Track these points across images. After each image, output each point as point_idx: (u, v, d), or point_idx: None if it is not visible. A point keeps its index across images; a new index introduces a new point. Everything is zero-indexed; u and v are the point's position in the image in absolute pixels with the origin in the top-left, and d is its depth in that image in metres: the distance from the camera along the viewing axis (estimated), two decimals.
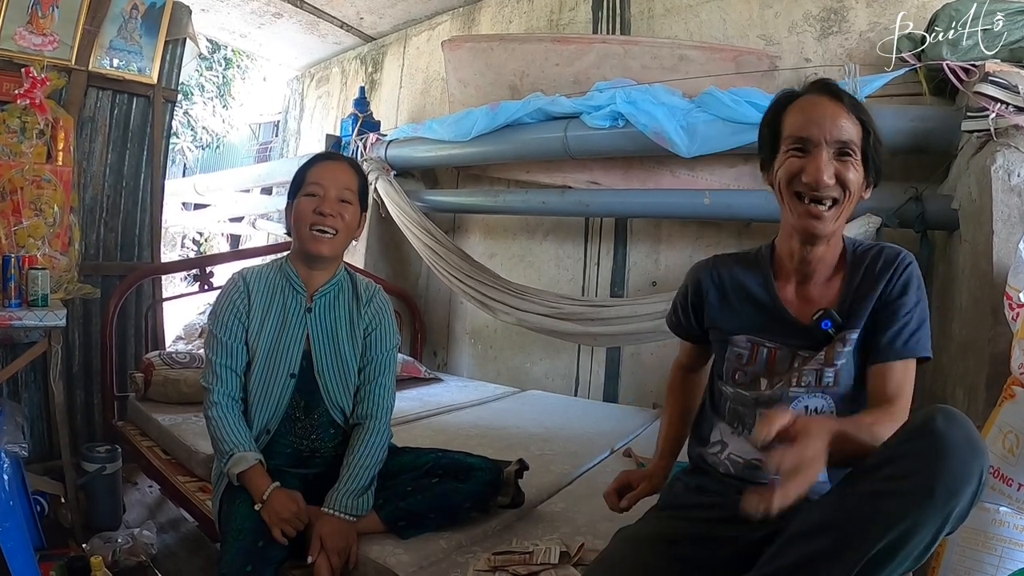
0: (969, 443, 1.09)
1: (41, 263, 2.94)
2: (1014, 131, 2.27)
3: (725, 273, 1.59)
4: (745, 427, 1.52)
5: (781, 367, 1.48)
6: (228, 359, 1.90)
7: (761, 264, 1.56)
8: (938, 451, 1.08)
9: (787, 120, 1.45)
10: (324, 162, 1.98)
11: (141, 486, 3.47)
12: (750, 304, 1.54)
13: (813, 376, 1.44)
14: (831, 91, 1.43)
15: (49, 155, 3.24)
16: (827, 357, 1.43)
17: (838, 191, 1.37)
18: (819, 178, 1.35)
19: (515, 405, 3.70)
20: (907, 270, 1.43)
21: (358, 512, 1.79)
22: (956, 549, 1.88)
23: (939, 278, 2.79)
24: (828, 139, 1.37)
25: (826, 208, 1.38)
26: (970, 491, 1.07)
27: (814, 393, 1.45)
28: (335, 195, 1.91)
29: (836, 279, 1.49)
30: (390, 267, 4.85)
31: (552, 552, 1.70)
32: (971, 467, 1.07)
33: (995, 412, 1.88)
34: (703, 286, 1.61)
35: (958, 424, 1.10)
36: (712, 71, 3.28)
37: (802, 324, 1.46)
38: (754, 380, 1.51)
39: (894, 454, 1.13)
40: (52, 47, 3.38)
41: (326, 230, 1.90)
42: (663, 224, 3.84)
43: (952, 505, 1.06)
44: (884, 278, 1.42)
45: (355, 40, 6.01)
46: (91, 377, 3.73)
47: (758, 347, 1.51)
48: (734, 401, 1.54)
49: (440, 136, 4.14)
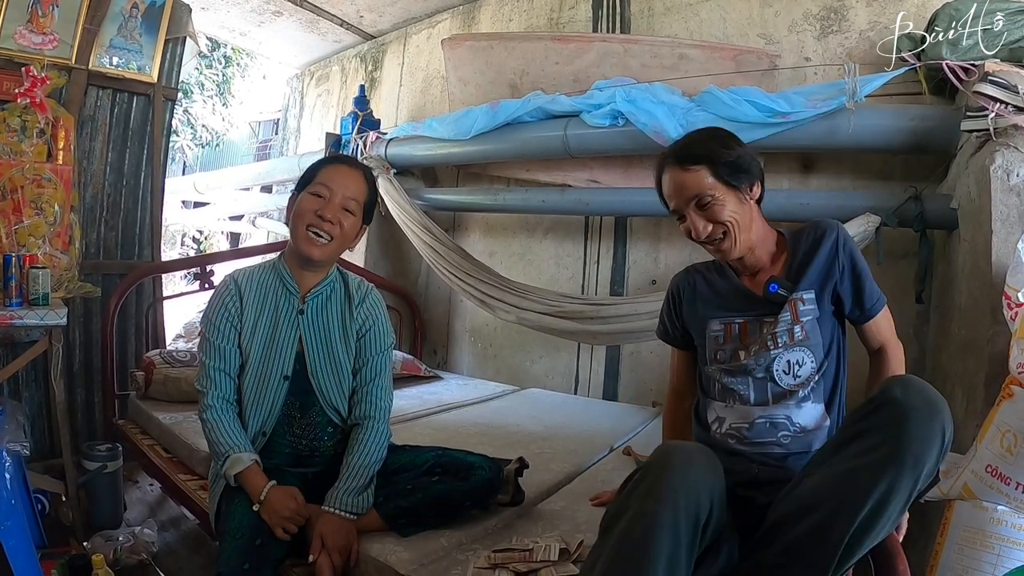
0: (928, 405, 1.24)
1: (42, 262, 2.94)
2: (1013, 131, 2.27)
3: (695, 276, 1.88)
4: (737, 399, 1.70)
5: (753, 336, 1.70)
6: (221, 362, 1.91)
7: (720, 266, 1.83)
8: (899, 419, 1.23)
9: (664, 193, 1.75)
10: (338, 165, 1.97)
11: (142, 484, 3.48)
12: (716, 293, 1.81)
13: (785, 334, 1.65)
14: (672, 161, 1.69)
15: (49, 154, 3.24)
16: (793, 316, 1.65)
17: (720, 228, 1.64)
18: (699, 232, 1.65)
19: (515, 403, 3.71)
20: (840, 233, 1.69)
21: (358, 510, 1.79)
22: (954, 548, 1.89)
23: (938, 277, 2.79)
24: (684, 203, 1.66)
25: (722, 240, 1.66)
26: (935, 449, 1.21)
27: (790, 349, 1.65)
28: (339, 201, 1.90)
29: (780, 260, 1.74)
30: (390, 265, 4.86)
31: (552, 549, 1.71)
32: (933, 427, 1.21)
33: (993, 411, 1.88)
34: (679, 290, 1.89)
35: (914, 390, 1.27)
36: (712, 70, 3.28)
37: (758, 296, 1.71)
38: (734, 354, 1.72)
39: (860, 429, 1.28)
40: (52, 46, 3.38)
41: (321, 234, 1.89)
42: (663, 223, 3.84)
43: (921, 466, 1.20)
44: (824, 245, 1.67)
45: (355, 38, 6.00)
46: (92, 376, 3.74)
47: (730, 325, 1.75)
48: (723, 377, 1.73)
49: (440, 134, 4.14)
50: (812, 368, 1.64)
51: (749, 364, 1.67)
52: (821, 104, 2.77)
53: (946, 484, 1.94)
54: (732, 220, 1.63)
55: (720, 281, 1.81)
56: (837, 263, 1.66)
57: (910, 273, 2.84)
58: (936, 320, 2.81)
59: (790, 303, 1.65)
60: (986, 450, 1.87)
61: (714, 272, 1.84)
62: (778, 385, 1.65)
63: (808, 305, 1.65)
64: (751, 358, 1.67)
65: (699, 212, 1.64)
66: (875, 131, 2.77)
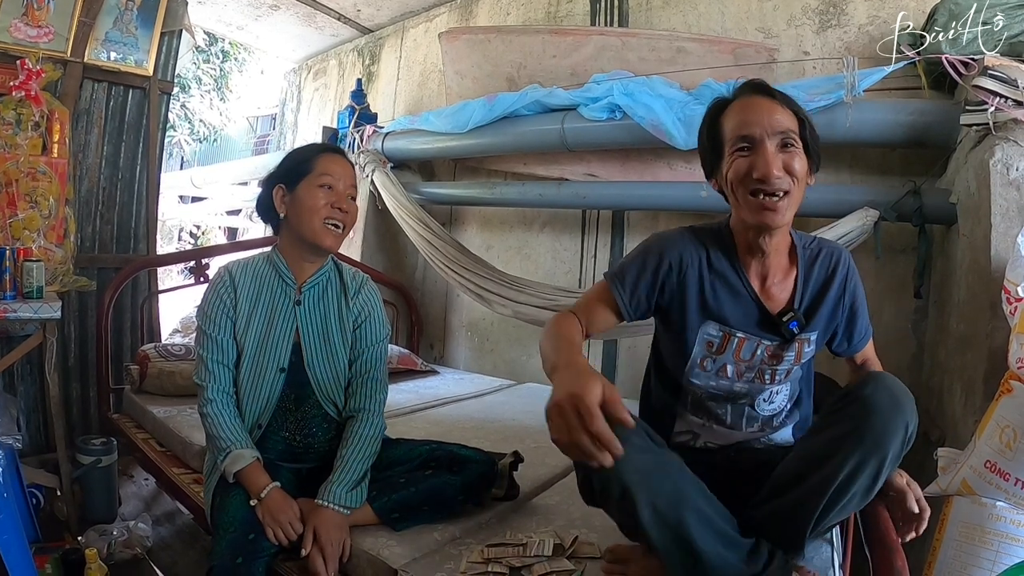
0: (893, 403, 1.31)
1: (36, 255, 2.92)
2: (1013, 125, 2.26)
3: (701, 254, 1.60)
4: (718, 421, 1.65)
5: (745, 355, 1.58)
6: (219, 355, 1.89)
7: (728, 249, 1.60)
8: (865, 413, 1.32)
9: (726, 124, 1.51)
10: (333, 155, 1.95)
11: (137, 479, 3.47)
12: (727, 291, 1.58)
13: (784, 373, 1.60)
14: (762, 89, 1.51)
15: (44, 147, 3.22)
16: (797, 356, 1.59)
17: (788, 182, 1.43)
18: (769, 171, 1.41)
19: (511, 398, 3.70)
20: (850, 269, 1.61)
21: (352, 504, 1.78)
22: (953, 544, 1.89)
23: (937, 272, 2.79)
24: (769, 132, 1.43)
25: (779, 199, 1.43)
26: (897, 441, 1.30)
27: (781, 384, 1.62)
28: (343, 190, 1.90)
29: (791, 274, 1.60)
30: (387, 259, 4.84)
31: (546, 544, 1.70)
32: (894, 424, 1.30)
33: (992, 406, 1.88)
34: (684, 263, 1.59)
35: (883, 389, 1.33)
36: (710, 63, 3.27)
37: (770, 316, 1.56)
38: (720, 369, 1.60)
39: (832, 421, 1.38)
40: (48, 39, 3.37)
41: (339, 224, 1.89)
42: (660, 217, 3.83)
43: (882, 453, 1.29)
44: (836, 282, 1.59)
45: (352, 32, 5.99)
46: (87, 369, 3.73)
47: (729, 336, 1.58)
48: (702, 393, 1.63)
49: (437, 128, 4.13)
50: (786, 397, 1.66)
51: (739, 390, 1.61)
52: (819, 98, 2.75)
53: (945, 480, 1.94)
54: (799, 177, 1.45)
55: (731, 275, 1.58)
56: (842, 303, 1.60)
57: (909, 268, 2.83)
58: (935, 315, 2.80)
59: (798, 341, 1.58)
60: (985, 446, 1.86)
61: (722, 255, 1.60)
62: (755, 411, 1.63)
63: (811, 347, 1.61)
64: (742, 384, 1.60)
65: (779, 151, 1.44)
66: (874, 125, 2.76)
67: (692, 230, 1.66)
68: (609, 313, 1.60)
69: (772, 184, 1.41)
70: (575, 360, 1.30)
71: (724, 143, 1.50)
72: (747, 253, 1.57)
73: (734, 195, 1.49)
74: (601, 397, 1.15)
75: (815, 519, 1.34)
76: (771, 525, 1.38)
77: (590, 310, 1.60)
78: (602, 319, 1.60)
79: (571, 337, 1.48)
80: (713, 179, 1.59)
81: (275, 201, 1.92)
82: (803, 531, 1.36)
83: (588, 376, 1.19)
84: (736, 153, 1.46)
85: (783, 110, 1.46)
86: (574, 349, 1.41)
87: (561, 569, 1.60)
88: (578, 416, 1.13)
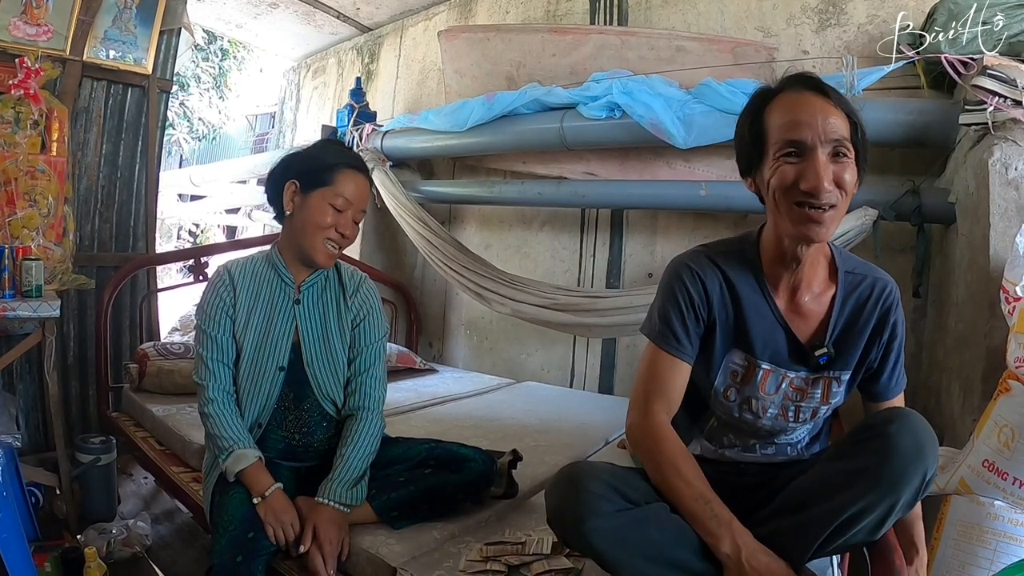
0: (916, 448, 1.22)
1: (35, 254, 2.91)
2: (1012, 124, 2.26)
3: (727, 275, 1.48)
4: (729, 447, 1.60)
5: (770, 390, 1.49)
6: (219, 353, 1.90)
7: (752, 265, 1.48)
8: (886, 453, 1.23)
9: (772, 121, 1.35)
10: (355, 173, 1.90)
11: (136, 477, 3.47)
12: (753, 313, 1.47)
13: (810, 412, 1.51)
14: (816, 86, 1.36)
15: (43, 146, 3.21)
16: (824, 396, 1.49)
17: (837, 195, 1.30)
18: (819, 185, 1.27)
19: (510, 396, 3.70)
20: (897, 308, 1.47)
21: (352, 502, 1.79)
22: (951, 543, 1.89)
23: (936, 271, 2.79)
24: (823, 139, 1.28)
25: (825, 211, 1.30)
26: (912, 488, 1.22)
27: (806, 424, 1.54)
28: (353, 215, 1.89)
29: (827, 294, 1.47)
30: (386, 258, 4.84)
31: (545, 543, 1.70)
32: (913, 470, 1.21)
33: (991, 406, 1.88)
34: (709, 290, 1.47)
35: (909, 431, 1.24)
36: (709, 62, 3.27)
37: (798, 343, 1.46)
38: (745, 402, 1.51)
39: (853, 451, 1.29)
40: (46, 37, 3.36)
41: (336, 245, 1.89)
42: (659, 215, 3.84)
43: (895, 498, 1.22)
44: (874, 318, 1.45)
45: (351, 30, 5.99)
46: (86, 368, 3.73)
47: (754, 367, 1.48)
48: (721, 422, 1.58)
49: (436, 127, 4.13)
50: (807, 432, 1.59)
51: (763, 427, 1.52)
52: None
53: (943, 479, 1.94)
54: (848, 191, 1.32)
55: (755, 296, 1.47)
56: (881, 340, 1.46)
57: (907, 267, 2.83)
58: (933, 314, 2.80)
59: (825, 380, 1.47)
60: (983, 445, 1.86)
61: (744, 274, 1.48)
62: (773, 445, 1.58)
63: (840, 387, 1.48)
64: (766, 420, 1.51)
65: (831, 160, 1.29)
66: (873, 124, 2.70)
67: (708, 250, 1.53)
68: (679, 375, 1.48)
69: (821, 198, 1.28)
70: (747, 540, 1.32)
71: (768, 143, 1.35)
72: (777, 264, 1.45)
73: (774, 202, 1.35)
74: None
75: (817, 546, 1.29)
76: (773, 544, 1.32)
77: (664, 390, 1.48)
78: (678, 387, 1.49)
79: (703, 485, 1.38)
80: (750, 178, 1.44)
81: (285, 196, 1.89)
82: (804, 554, 1.31)
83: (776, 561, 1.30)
84: (782, 159, 1.32)
85: (837, 112, 1.31)
86: (723, 508, 1.35)
87: (559, 567, 1.61)
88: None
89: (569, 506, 1.29)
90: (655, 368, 1.49)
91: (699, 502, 1.34)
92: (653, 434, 1.44)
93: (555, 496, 1.33)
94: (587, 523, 1.25)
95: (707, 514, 1.33)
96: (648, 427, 1.45)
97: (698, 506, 1.34)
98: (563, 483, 1.33)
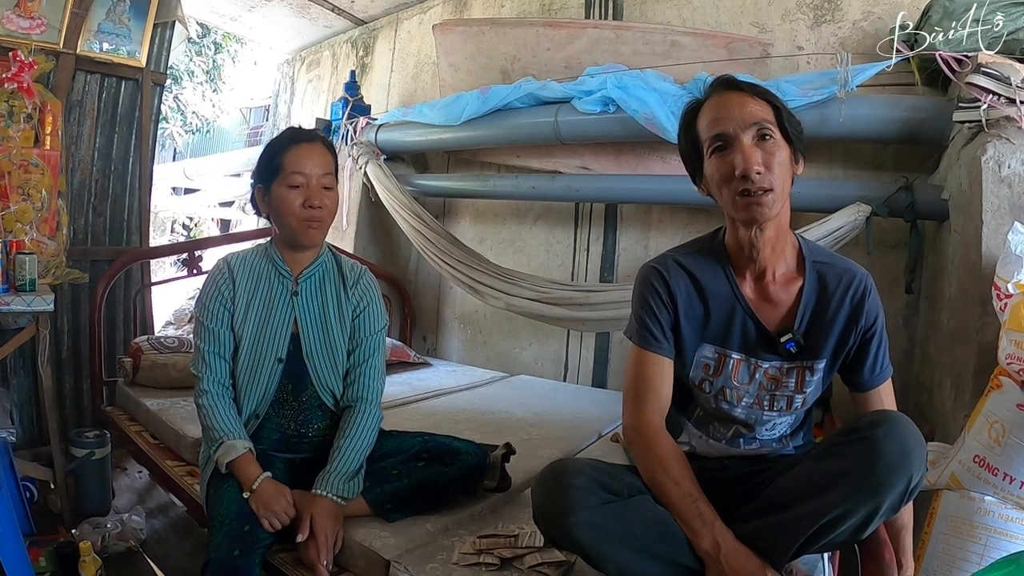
0: (901, 454, 1.23)
1: (29, 248, 2.91)
2: (1005, 122, 2.27)
3: (693, 272, 1.56)
4: (715, 438, 1.63)
5: (742, 379, 1.54)
6: (216, 346, 1.91)
7: (720, 259, 1.57)
8: (871, 457, 1.24)
9: (701, 125, 1.48)
10: (301, 145, 1.90)
11: (130, 471, 3.47)
12: (720, 307, 1.54)
13: (785, 401, 1.55)
14: (731, 84, 1.48)
15: (37, 139, 3.21)
16: (798, 385, 1.53)
17: (769, 179, 1.38)
18: (749, 165, 1.37)
19: (504, 390, 3.71)
20: (870, 298, 1.51)
21: (349, 495, 1.80)
22: (941, 538, 1.91)
23: (928, 268, 2.80)
24: (743, 126, 1.40)
25: (764, 195, 1.39)
26: (896, 493, 1.23)
27: (784, 414, 1.57)
28: (316, 184, 1.88)
29: (795, 284, 1.53)
30: (380, 251, 4.83)
31: (537, 536, 1.70)
32: (898, 475, 1.22)
33: (982, 402, 1.90)
34: (674, 292, 1.55)
35: (895, 436, 1.24)
36: (704, 57, 3.27)
37: (766, 331, 1.51)
38: (719, 392, 1.57)
39: (839, 451, 1.31)
40: (40, 30, 3.35)
41: (314, 222, 1.89)
42: (653, 210, 3.84)
43: (878, 502, 1.23)
44: (845, 307, 1.49)
45: (346, 24, 5.97)
46: (80, 362, 3.72)
47: (725, 357, 1.55)
48: (706, 410, 1.62)
49: (430, 120, 4.12)
50: (788, 426, 1.61)
51: (740, 416, 1.57)
52: (813, 93, 2.76)
53: (934, 474, 1.96)
54: (782, 171, 1.40)
55: (721, 287, 1.54)
56: (856, 329, 1.49)
57: (900, 263, 2.84)
58: (926, 310, 2.82)
59: (798, 369, 1.52)
60: (974, 441, 1.88)
61: (711, 268, 1.56)
62: (754, 436, 1.60)
63: (816, 376, 1.52)
64: (741, 409, 1.56)
65: (756, 144, 1.39)
66: (867, 121, 2.77)
67: (674, 253, 1.62)
68: (664, 371, 1.55)
69: (754, 180, 1.37)
70: (727, 539, 1.36)
71: (702, 144, 1.48)
72: (740, 254, 1.53)
73: (720, 196, 1.47)
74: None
75: (799, 545, 1.31)
76: (755, 541, 1.35)
77: (652, 389, 1.55)
78: (665, 383, 1.56)
79: (691, 484, 1.43)
80: (700, 184, 1.56)
81: (258, 202, 1.97)
82: (784, 553, 1.33)
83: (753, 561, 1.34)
84: (714, 154, 1.44)
85: (755, 101, 1.43)
86: (709, 507, 1.40)
87: (552, 560, 1.61)
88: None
89: (553, 502, 1.33)
90: (640, 368, 1.57)
91: (686, 500, 1.40)
92: (645, 435, 1.51)
93: (540, 493, 1.38)
94: (571, 517, 1.29)
95: (692, 512, 1.38)
96: (640, 428, 1.52)
97: (685, 504, 1.39)
98: (548, 480, 1.38)
